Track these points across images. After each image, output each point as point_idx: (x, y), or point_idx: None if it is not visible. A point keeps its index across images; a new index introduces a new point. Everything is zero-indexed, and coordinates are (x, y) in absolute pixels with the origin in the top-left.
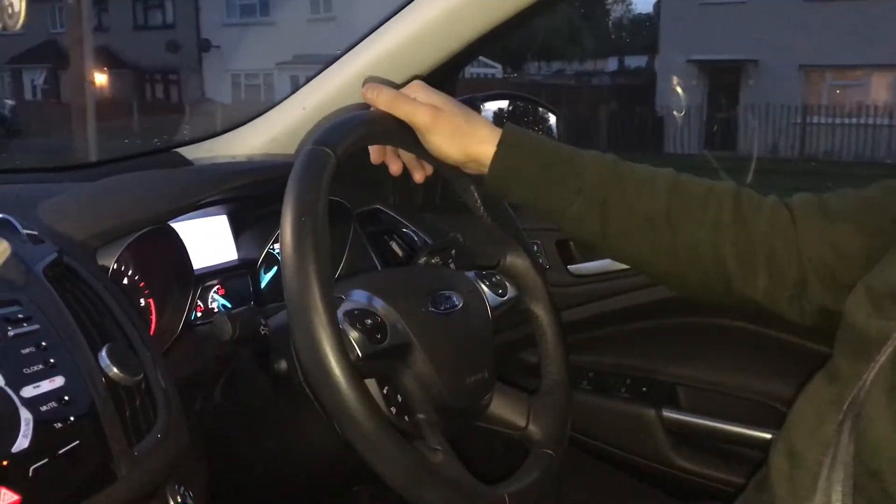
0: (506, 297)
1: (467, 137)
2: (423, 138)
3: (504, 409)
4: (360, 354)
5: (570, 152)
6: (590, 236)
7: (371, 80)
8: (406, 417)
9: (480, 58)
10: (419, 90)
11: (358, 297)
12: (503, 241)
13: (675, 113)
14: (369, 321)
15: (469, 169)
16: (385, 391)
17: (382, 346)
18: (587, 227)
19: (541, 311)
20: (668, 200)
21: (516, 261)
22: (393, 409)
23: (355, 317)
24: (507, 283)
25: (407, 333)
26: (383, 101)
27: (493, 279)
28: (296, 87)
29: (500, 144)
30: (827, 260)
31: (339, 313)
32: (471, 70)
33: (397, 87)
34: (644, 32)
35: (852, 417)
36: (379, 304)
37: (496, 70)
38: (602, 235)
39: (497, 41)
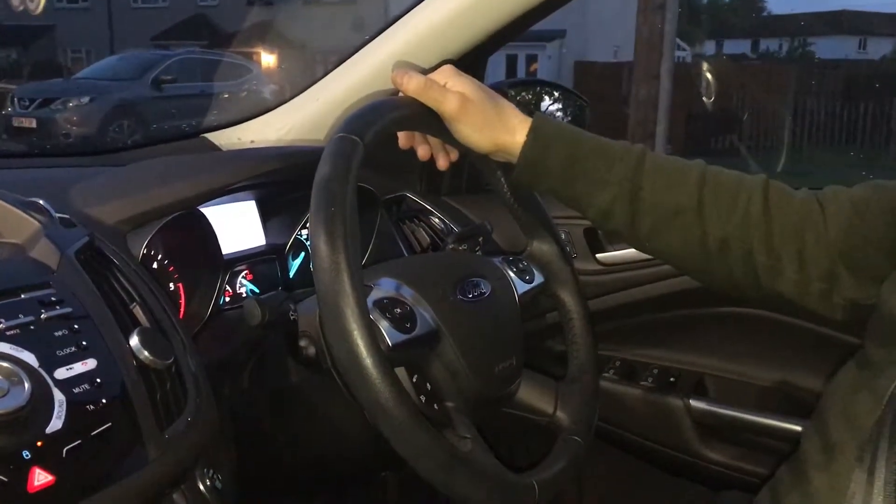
0: (533, 284)
1: (496, 127)
2: (451, 127)
3: (532, 395)
4: (389, 344)
5: (599, 143)
6: (618, 228)
7: (400, 65)
8: (435, 406)
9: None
10: (450, 76)
11: (387, 286)
12: (530, 227)
13: None
14: (398, 310)
15: (498, 158)
16: (414, 379)
17: (412, 335)
18: (616, 219)
19: (568, 298)
20: (699, 193)
21: (543, 247)
22: (422, 398)
23: (385, 306)
24: (535, 270)
25: (436, 322)
26: (413, 87)
27: (521, 265)
28: None
29: (529, 134)
30: (858, 253)
31: (369, 302)
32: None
33: (426, 72)
34: None
35: (893, 411)
36: (408, 293)
37: (686, 53)
38: (631, 227)
39: (525, 28)
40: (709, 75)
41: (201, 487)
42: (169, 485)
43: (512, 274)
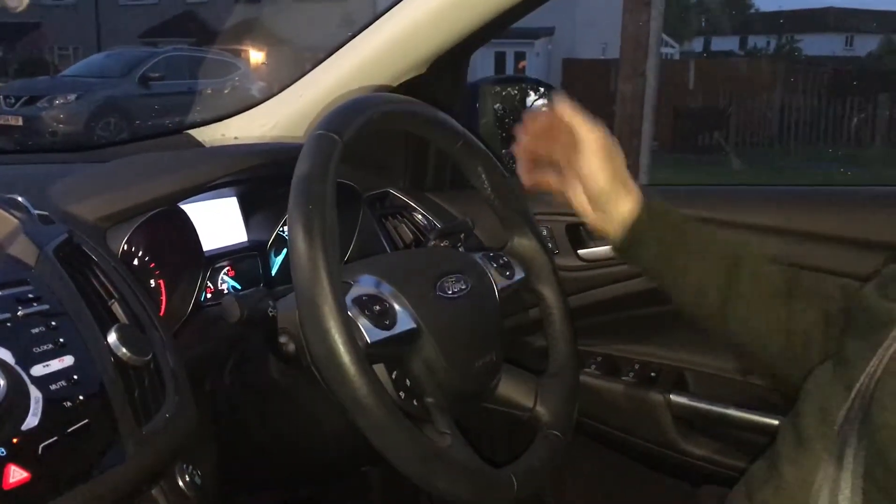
0: (513, 279)
1: (619, 170)
2: (581, 154)
3: (512, 390)
4: (368, 341)
5: (697, 223)
6: (708, 309)
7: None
8: (414, 401)
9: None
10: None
11: (366, 283)
12: (511, 223)
13: None
14: (377, 307)
15: (595, 207)
16: (394, 376)
17: (391, 332)
18: (707, 298)
19: (548, 293)
20: (790, 276)
21: (524, 242)
22: (402, 394)
23: (364, 303)
24: (515, 265)
25: (415, 319)
26: (568, 111)
27: (501, 261)
28: None
29: (642, 206)
30: None
31: (348, 300)
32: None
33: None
34: None
35: (860, 403)
36: (387, 290)
37: (674, 50)
38: (721, 308)
39: (508, 24)
40: (695, 72)
41: (180, 483)
42: (147, 481)
43: (492, 270)
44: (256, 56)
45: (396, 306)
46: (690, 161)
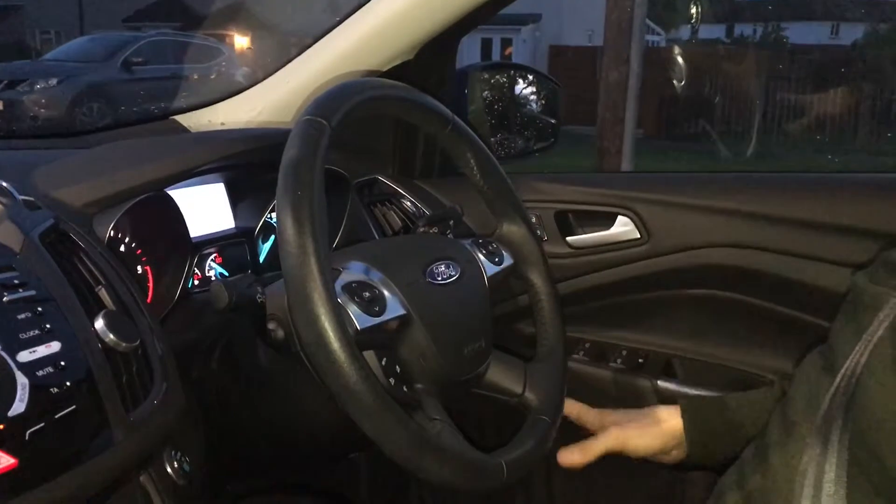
0: (502, 265)
1: (652, 425)
2: (623, 449)
3: (501, 376)
4: (357, 328)
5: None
6: None
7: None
8: (404, 388)
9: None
10: (586, 414)
11: (355, 269)
12: (500, 209)
13: None
14: (367, 294)
15: (672, 452)
16: (383, 362)
17: (380, 318)
18: None
19: (537, 279)
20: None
21: (512, 228)
22: (391, 380)
23: (353, 290)
24: (504, 251)
25: (405, 305)
26: (576, 459)
27: (490, 247)
28: None
29: (684, 416)
30: None
31: (337, 287)
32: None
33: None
34: None
35: (845, 388)
36: (376, 277)
37: (660, 38)
38: None
39: (497, 9)
40: (681, 60)
41: (169, 470)
42: (135, 467)
43: (481, 256)
44: (241, 41)
45: (386, 293)
46: (674, 148)
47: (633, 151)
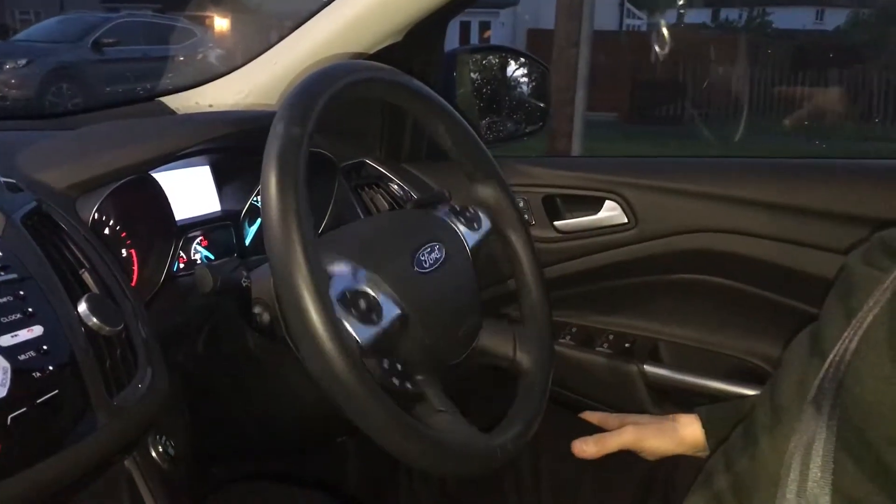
0: (481, 230)
1: (671, 429)
2: (640, 448)
3: (491, 341)
4: (359, 342)
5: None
6: None
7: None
8: (408, 384)
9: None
10: (608, 421)
11: (342, 273)
12: (473, 174)
13: None
14: (362, 302)
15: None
16: (386, 365)
17: (379, 326)
18: None
19: (513, 235)
20: None
21: (486, 190)
22: (395, 380)
23: (347, 301)
24: (482, 215)
25: (399, 304)
26: (591, 451)
27: (467, 213)
28: None
29: (705, 426)
30: None
31: (332, 298)
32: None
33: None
34: None
35: (834, 373)
36: (365, 276)
37: (641, 22)
38: None
39: None
40: (657, 45)
41: (153, 454)
42: (119, 452)
43: (461, 227)
44: (220, 23)
45: (379, 295)
46: (649, 132)
47: (583, 134)
